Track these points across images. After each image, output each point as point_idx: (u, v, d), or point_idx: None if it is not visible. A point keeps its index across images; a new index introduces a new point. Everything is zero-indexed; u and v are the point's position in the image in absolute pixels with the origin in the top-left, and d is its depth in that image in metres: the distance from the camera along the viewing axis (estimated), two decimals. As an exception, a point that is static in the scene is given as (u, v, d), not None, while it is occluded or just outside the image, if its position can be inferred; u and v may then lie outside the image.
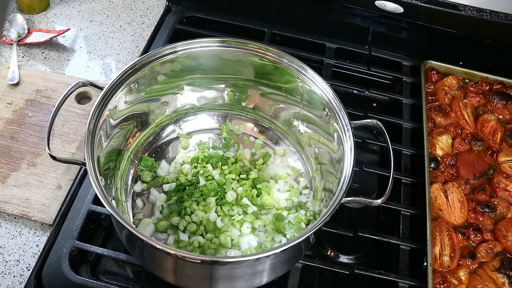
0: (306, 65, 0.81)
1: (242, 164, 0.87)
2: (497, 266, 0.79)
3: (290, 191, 0.85)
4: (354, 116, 0.92)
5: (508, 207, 0.87)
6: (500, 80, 1.05)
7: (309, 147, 0.88)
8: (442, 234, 0.81)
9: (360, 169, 0.90)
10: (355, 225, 0.86)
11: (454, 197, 0.85)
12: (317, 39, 1.11)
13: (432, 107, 0.99)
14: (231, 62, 0.85)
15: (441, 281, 0.76)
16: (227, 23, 1.13)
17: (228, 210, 0.80)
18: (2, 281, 0.77)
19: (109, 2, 1.24)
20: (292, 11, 1.16)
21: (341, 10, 1.13)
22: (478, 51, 1.11)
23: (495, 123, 0.98)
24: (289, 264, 0.74)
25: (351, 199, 0.68)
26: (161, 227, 0.79)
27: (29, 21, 1.16)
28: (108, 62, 1.10)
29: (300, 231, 0.79)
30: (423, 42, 1.13)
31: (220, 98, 0.93)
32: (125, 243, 0.73)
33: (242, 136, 0.94)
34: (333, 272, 0.79)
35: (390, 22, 1.11)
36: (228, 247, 0.77)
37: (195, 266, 0.64)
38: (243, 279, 0.68)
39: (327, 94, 0.78)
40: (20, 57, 1.08)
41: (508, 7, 0.99)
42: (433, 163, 0.90)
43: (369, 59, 1.11)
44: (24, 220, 0.84)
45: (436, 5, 1.02)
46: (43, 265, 0.74)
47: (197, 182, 0.83)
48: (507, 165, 0.92)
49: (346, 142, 0.73)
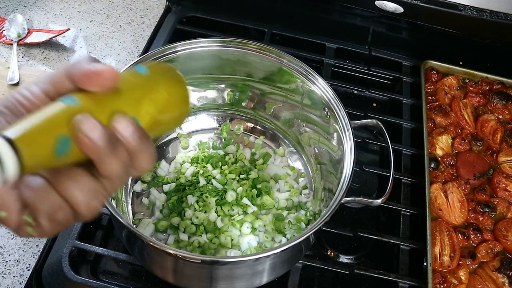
0: (306, 65, 0.81)
1: (242, 164, 0.87)
2: (497, 266, 0.79)
3: (290, 191, 0.85)
4: (354, 116, 0.92)
5: (508, 207, 0.87)
6: (500, 80, 1.05)
7: (309, 147, 0.88)
8: (442, 234, 0.81)
9: (360, 169, 0.90)
10: (355, 225, 0.86)
11: (454, 197, 0.85)
12: (317, 39, 1.11)
13: (432, 107, 0.99)
14: (231, 62, 0.85)
15: (441, 281, 0.76)
16: (227, 23, 1.13)
17: (228, 210, 0.80)
18: (2, 281, 0.77)
19: (109, 2, 1.24)
20: (292, 11, 1.16)
21: (341, 10, 1.13)
22: (478, 51, 1.11)
23: (495, 123, 0.98)
24: (289, 264, 0.74)
25: (351, 199, 0.68)
26: (161, 227, 0.79)
27: (29, 21, 1.16)
28: (108, 62, 1.10)
29: (300, 231, 0.79)
30: (423, 42, 1.13)
31: (220, 98, 0.93)
32: (125, 243, 0.73)
33: (242, 136, 0.94)
34: (333, 272, 0.79)
35: (390, 22, 1.11)
36: (228, 247, 0.77)
37: (195, 266, 0.64)
38: (243, 279, 0.68)
39: (327, 94, 0.78)
40: (20, 57, 1.08)
41: (508, 7, 0.99)
42: (433, 163, 0.90)
43: (369, 59, 1.11)
44: (24, 220, 0.84)
45: (436, 5, 1.02)
46: (43, 265, 0.74)
47: (197, 182, 0.83)
48: (507, 165, 0.92)
49: (346, 142, 0.73)
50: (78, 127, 0.35)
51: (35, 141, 0.34)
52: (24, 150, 0.33)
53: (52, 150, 0.35)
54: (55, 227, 0.37)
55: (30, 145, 0.34)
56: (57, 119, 0.36)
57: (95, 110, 0.37)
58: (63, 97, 0.38)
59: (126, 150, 0.38)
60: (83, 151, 0.36)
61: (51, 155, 0.35)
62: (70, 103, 0.37)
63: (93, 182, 0.37)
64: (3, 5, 1.19)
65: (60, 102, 0.37)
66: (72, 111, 0.36)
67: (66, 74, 0.38)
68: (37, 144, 0.34)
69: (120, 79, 0.39)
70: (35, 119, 0.35)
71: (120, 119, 0.38)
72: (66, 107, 0.36)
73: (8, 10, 1.18)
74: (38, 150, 0.34)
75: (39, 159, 0.34)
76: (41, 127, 0.35)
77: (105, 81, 0.37)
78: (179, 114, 0.46)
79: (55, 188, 0.37)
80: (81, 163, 0.37)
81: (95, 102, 0.38)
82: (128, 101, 0.40)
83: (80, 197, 0.37)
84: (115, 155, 0.37)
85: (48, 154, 0.35)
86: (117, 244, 0.79)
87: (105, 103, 0.38)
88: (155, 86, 0.43)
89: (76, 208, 0.37)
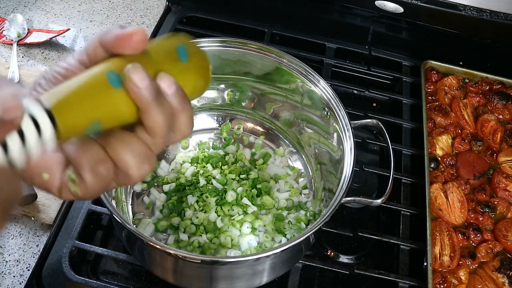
0: (306, 65, 0.81)
1: (242, 164, 0.88)
2: (497, 266, 0.79)
3: (290, 191, 0.85)
4: (354, 116, 0.92)
5: (508, 207, 0.87)
6: (500, 80, 1.05)
7: (309, 147, 0.88)
8: (442, 234, 0.81)
9: (360, 169, 0.90)
10: (355, 225, 0.86)
11: (454, 197, 0.85)
12: (317, 39, 1.11)
13: (432, 107, 0.99)
14: (231, 62, 0.85)
15: (441, 281, 0.76)
16: (227, 23, 1.13)
17: (228, 210, 0.80)
18: (2, 281, 0.77)
19: (109, 2, 1.24)
20: (292, 11, 1.16)
21: (341, 10, 1.13)
22: (478, 51, 1.11)
23: (495, 123, 0.98)
24: (289, 264, 0.74)
25: (351, 199, 0.68)
26: (161, 227, 0.79)
27: (29, 21, 1.16)
28: (108, 62, 1.10)
29: (300, 231, 0.79)
30: (423, 42, 1.13)
31: (220, 98, 0.93)
32: (125, 243, 0.73)
33: (242, 136, 0.94)
34: (333, 272, 0.79)
35: (390, 22, 1.11)
36: (228, 247, 0.77)
37: (195, 266, 0.64)
38: (243, 279, 0.68)
39: (327, 94, 0.78)
40: (20, 57, 1.08)
41: (508, 7, 0.99)
42: (433, 163, 0.90)
43: (369, 59, 1.11)
44: (24, 220, 0.84)
45: (436, 5, 1.02)
46: (43, 265, 0.74)
47: (197, 182, 0.83)
48: (507, 165, 0.92)
49: (346, 142, 0.73)
50: (128, 75, 0.37)
51: (72, 108, 0.35)
52: (61, 118, 0.33)
53: (88, 120, 0.35)
54: (99, 183, 0.38)
55: (67, 113, 0.34)
56: (93, 84, 0.36)
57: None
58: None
59: (170, 106, 0.39)
60: (131, 100, 0.37)
61: (87, 124, 0.36)
62: (103, 68, 0.37)
63: (142, 143, 0.38)
64: (3, 5, 1.19)
65: (94, 68, 0.37)
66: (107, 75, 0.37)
67: (100, 42, 0.39)
68: (74, 111, 0.35)
69: (151, 43, 0.41)
70: (72, 85, 0.35)
71: (164, 77, 0.39)
72: (100, 72, 0.37)
73: (8, 10, 1.18)
74: (75, 118, 0.35)
75: (76, 126, 0.35)
76: (79, 93, 0.35)
77: (137, 43, 0.38)
78: (204, 83, 0.47)
79: (106, 151, 0.38)
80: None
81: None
82: (161, 64, 0.41)
83: (131, 160, 0.38)
84: (160, 107, 0.38)
85: (84, 123, 0.35)
86: (117, 244, 0.79)
87: (137, 58, 0.39)
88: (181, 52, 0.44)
89: (128, 171, 0.38)
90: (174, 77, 0.40)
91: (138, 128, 0.38)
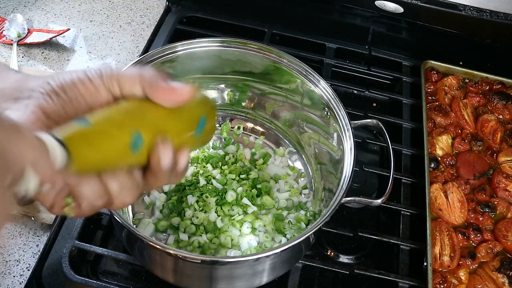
0: (306, 65, 0.81)
1: (242, 164, 0.87)
2: (497, 266, 0.79)
3: (290, 191, 0.85)
4: (354, 116, 0.92)
5: (508, 207, 0.87)
6: (500, 80, 1.05)
7: (309, 147, 0.88)
8: (442, 234, 0.81)
9: (360, 169, 0.90)
10: (355, 225, 0.86)
11: (454, 197, 0.85)
12: (317, 39, 1.11)
13: (432, 107, 0.99)
14: (231, 62, 0.85)
15: (441, 281, 0.76)
16: (227, 23, 1.13)
17: (228, 210, 0.80)
18: (2, 281, 0.77)
19: (109, 2, 1.24)
20: (292, 11, 1.16)
21: (341, 10, 1.13)
22: (478, 51, 1.11)
23: (495, 123, 0.98)
24: (289, 264, 0.74)
25: (351, 199, 0.68)
26: (161, 227, 0.79)
27: (29, 21, 1.16)
28: (108, 62, 1.10)
29: (300, 231, 0.79)
30: (423, 42, 1.13)
31: (220, 98, 0.93)
32: (125, 243, 0.73)
33: (242, 136, 0.94)
34: (333, 272, 0.79)
35: (390, 22, 1.11)
36: (228, 247, 0.77)
37: (195, 266, 0.64)
38: (243, 279, 0.68)
39: (327, 94, 0.78)
40: (20, 57, 1.08)
41: (508, 7, 0.99)
42: (433, 163, 0.90)
43: (369, 59, 1.11)
44: (24, 220, 0.84)
45: (436, 5, 1.02)
46: (43, 265, 0.74)
47: (197, 182, 0.83)
48: (507, 165, 0.92)
49: (346, 142, 0.73)
50: (158, 152, 0.41)
51: (88, 157, 0.37)
52: (77, 160, 0.36)
53: (100, 167, 0.39)
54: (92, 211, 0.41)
55: (83, 159, 0.37)
56: (116, 144, 0.39)
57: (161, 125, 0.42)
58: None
59: (176, 171, 0.44)
60: (151, 164, 0.42)
61: (97, 169, 0.39)
62: (132, 123, 0.40)
63: (131, 180, 0.42)
64: (3, 5, 1.19)
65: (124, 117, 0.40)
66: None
67: (140, 79, 0.41)
68: (90, 159, 0.38)
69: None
70: (96, 131, 0.38)
71: (184, 152, 0.44)
72: (127, 131, 0.39)
73: (8, 10, 1.18)
74: (90, 164, 0.38)
75: (89, 169, 0.38)
76: (99, 147, 0.38)
77: (176, 103, 0.42)
78: (209, 137, 0.54)
79: (106, 186, 0.40)
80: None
81: (157, 118, 0.42)
82: (182, 123, 0.45)
83: (117, 190, 0.41)
84: (168, 173, 0.43)
85: (96, 169, 0.39)
86: (117, 244, 0.79)
87: (167, 119, 0.43)
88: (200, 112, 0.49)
89: (113, 199, 0.41)
90: (188, 146, 0.45)
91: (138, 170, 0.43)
